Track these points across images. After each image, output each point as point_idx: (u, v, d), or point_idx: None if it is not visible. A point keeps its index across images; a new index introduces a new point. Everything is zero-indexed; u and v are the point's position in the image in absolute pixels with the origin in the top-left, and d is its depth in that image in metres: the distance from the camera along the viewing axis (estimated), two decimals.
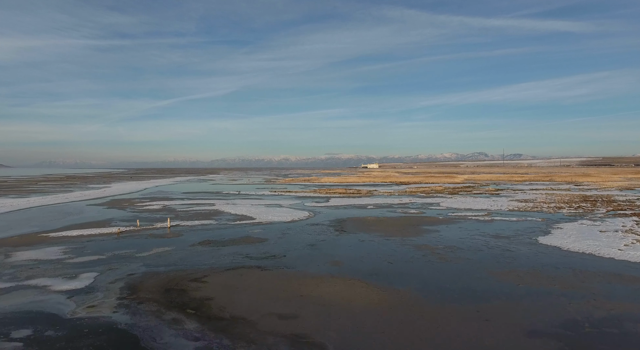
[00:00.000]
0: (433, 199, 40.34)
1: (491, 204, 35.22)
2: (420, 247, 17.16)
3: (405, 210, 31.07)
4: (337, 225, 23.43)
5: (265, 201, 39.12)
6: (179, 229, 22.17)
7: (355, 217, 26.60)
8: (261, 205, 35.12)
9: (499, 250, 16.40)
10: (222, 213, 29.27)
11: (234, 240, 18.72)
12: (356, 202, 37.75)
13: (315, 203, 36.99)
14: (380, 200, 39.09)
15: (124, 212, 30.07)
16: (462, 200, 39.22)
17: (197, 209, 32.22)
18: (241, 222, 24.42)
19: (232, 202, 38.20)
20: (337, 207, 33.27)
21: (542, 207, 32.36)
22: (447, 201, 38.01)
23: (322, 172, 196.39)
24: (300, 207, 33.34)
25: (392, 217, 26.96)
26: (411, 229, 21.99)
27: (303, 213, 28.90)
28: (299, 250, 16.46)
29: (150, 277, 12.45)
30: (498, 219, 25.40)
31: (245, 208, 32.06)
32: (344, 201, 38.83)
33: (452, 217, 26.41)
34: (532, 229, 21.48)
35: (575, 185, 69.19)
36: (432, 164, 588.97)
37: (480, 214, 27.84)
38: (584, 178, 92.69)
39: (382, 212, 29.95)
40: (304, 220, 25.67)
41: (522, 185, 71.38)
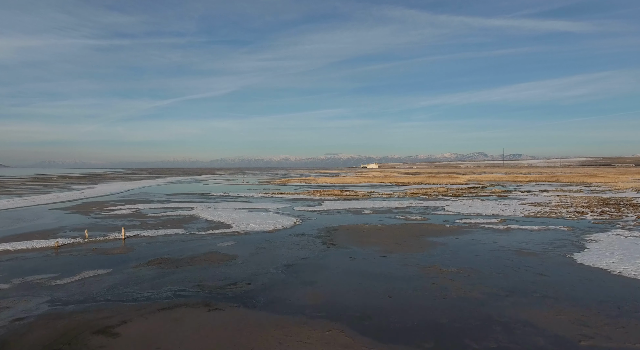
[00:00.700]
0: (436, 202, 36.63)
1: (502, 208, 31.51)
2: (427, 269, 13.43)
3: (406, 215, 27.35)
4: (326, 236, 19.70)
5: (252, 204, 35.40)
6: (135, 241, 18.43)
7: (349, 225, 22.88)
8: (245, 209, 31.38)
9: (531, 275, 12.66)
10: (197, 219, 25.54)
11: (193, 258, 14.97)
12: (352, 205, 34.04)
13: (306, 207, 33.27)
14: (379, 204, 35.38)
15: (84, 218, 26.34)
16: (469, 203, 35.51)
17: (171, 214, 28.48)
18: (213, 232, 20.68)
19: (214, 205, 34.45)
20: (330, 212, 29.56)
21: (561, 212, 28.65)
22: (453, 205, 34.31)
23: (321, 172, 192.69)
24: (288, 212, 29.61)
25: (392, 224, 23.24)
26: (414, 241, 18.26)
27: (289, 220, 25.17)
28: (271, 275, 12.71)
29: (44, 324, 8.70)
30: (515, 228, 21.66)
31: (225, 213, 28.32)
32: (338, 205, 35.12)
33: (461, 225, 22.69)
34: (561, 242, 17.75)
35: (585, 186, 65.52)
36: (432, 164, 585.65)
37: (493, 221, 24.13)
38: (592, 179, 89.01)
39: (380, 218, 26.24)
40: (288, 229, 21.93)
41: (529, 186, 67.70)
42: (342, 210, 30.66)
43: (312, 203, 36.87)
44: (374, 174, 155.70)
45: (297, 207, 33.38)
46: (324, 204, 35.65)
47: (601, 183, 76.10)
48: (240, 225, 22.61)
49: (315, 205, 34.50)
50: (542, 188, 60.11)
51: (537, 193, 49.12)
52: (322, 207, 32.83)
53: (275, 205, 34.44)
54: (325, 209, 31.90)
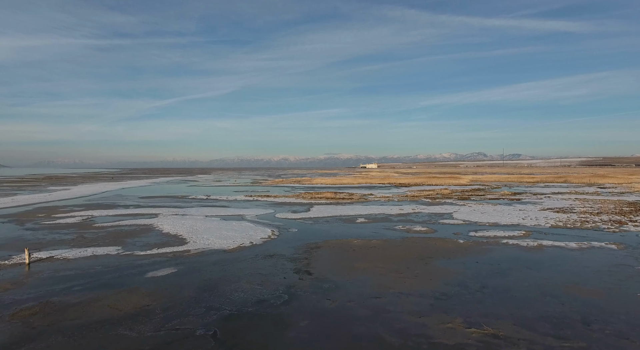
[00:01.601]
0: (442, 208, 31.84)
1: (520, 215, 26.75)
2: (445, 327, 8.65)
3: (407, 225, 22.55)
4: (303, 258, 14.91)
5: (229, 210, 30.59)
6: (41, 267, 13.60)
7: (336, 241, 18.09)
8: (217, 217, 26.58)
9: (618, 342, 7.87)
10: (150, 232, 20.72)
11: (92, 303, 10.06)
12: (344, 211, 29.25)
13: (290, 213, 28.50)
14: (375, 209, 30.60)
15: (12, 230, 21.48)
16: (480, 209, 30.74)
17: (125, 224, 23.64)
18: (157, 252, 15.87)
19: (185, 211, 29.65)
20: (317, 221, 24.79)
21: (594, 221, 23.88)
22: (461, 211, 29.54)
23: (319, 172, 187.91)
24: (267, 221, 24.84)
25: (390, 239, 18.45)
26: (420, 267, 13.49)
27: (264, 232, 20.38)
28: (190, 344, 7.91)
29: None
30: (548, 245, 16.89)
31: (190, 223, 23.51)
32: (329, 210, 30.34)
33: (478, 241, 17.91)
34: (622, 270, 12.95)
35: (600, 187, 60.80)
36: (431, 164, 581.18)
37: (516, 235, 19.36)
38: (602, 179, 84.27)
39: (375, 229, 21.46)
40: (257, 246, 17.13)
41: (538, 187, 62.95)
42: (331, 218, 25.88)
43: (299, 208, 32.08)
44: (373, 174, 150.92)
45: (281, 213, 28.59)
46: (312, 210, 30.87)
47: (615, 184, 71.41)
48: (199, 241, 17.81)
49: (301, 211, 29.72)
50: (553, 190, 55.37)
51: (551, 196, 44.37)
52: (309, 214, 28.05)
53: (255, 211, 29.64)
54: (312, 216, 27.13)
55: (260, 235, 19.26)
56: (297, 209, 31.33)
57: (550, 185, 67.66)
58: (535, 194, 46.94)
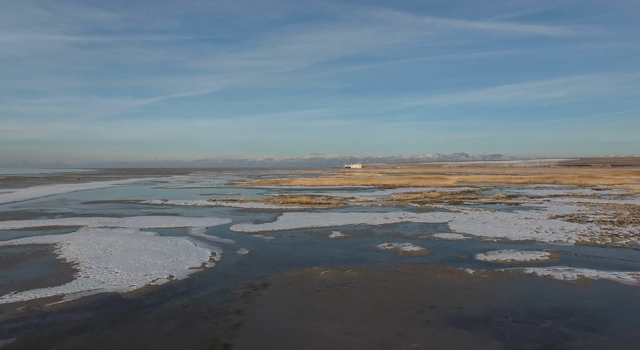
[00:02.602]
0: (434, 215, 26.88)
1: (529, 225, 21.95)
2: None
3: (395, 244, 17.39)
4: (234, 311, 9.51)
5: (176, 221, 24.94)
6: None
7: (294, 273, 12.80)
8: (155, 231, 20.95)
9: None
10: (40, 256, 14.92)
11: None
12: (317, 221, 23.98)
13: (251, 224, 23.10)
14: (355, 218, 25.45)
15: None
16: (478, 216, 25.90)
17: (17, 244, 17.57)
18: (4, 301, 10.34)
19: (119, 222, 23.88)
20: (279, 236, 19.46)
21: (622, 232, 19.15)
22: (457, 219, 24.63)
23: (301, 173, 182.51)
24: (216, 236, 19.37)
25: (372, 268, 13.26)
26: (420, 334, 8.30)
27: (201, 256, 14.94)
28: None
29: None
30: (594, 278, 11.91)
31: (111, 240, 17.81)
32: (299, 219, 25.05)
33: (495, 271, 12.81)
34: None
35: (594, 189, 57.09)
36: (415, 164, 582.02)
37: (539, 258, 14.41)
38: (592, 180, 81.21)
39: (353, 249, 16.25)
40: (176, 284, 11.66)
41: (530, 189, 58.91)
42: (299, 232, 20.57)
43: (265, 217, 26.70)
44: (357, 174, 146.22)
45: (239, 224, 23.13)
46: (279, 219, 25.51)
47: (606, 185, 68.12)
48: (94, 275, 12.25)
49: (266, 221, 24.34)
50: (548, 192, 51.24)
51: (550, 199, 40.01)
52: (274, 225, 22.69)
53: (208, 222, 24.10)
54: (276, 228, 21.77)
55: (191, 263, 13.80)
56: (261, 218, 25.93)
57: (542, 187, 63.81)
58: (531, 197, 42.57)
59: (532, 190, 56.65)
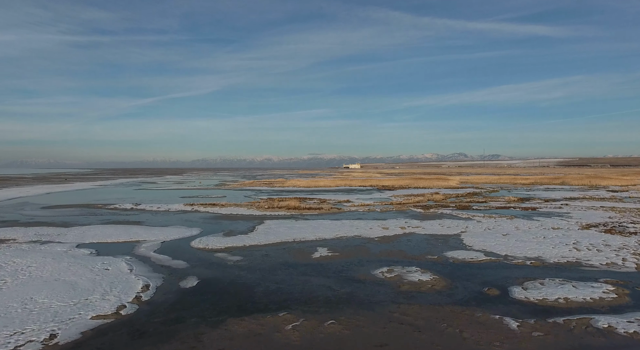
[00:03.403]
0: (441, 223, 22.64)
1: (562, 238, 17.71)
2: None
3: (397, 270, 13.12)
4: None
5: (132, 231, 20.60)
6: None
7: (248, 324, 8.49)
8: (93, 248, 16.63)
9: None
10: None
11: None
12: (301, 233, 19.72)
13: (220, 237, 18.84)
14: (348, 228, 21.21)
15: None
16: (496, 226, 21.66)
17: None
18: None
19: (59, 234, 19.47)
20: (249, 255, 15.18)
21: None
22: (471, 229, 20.39)
23: (298, 173, 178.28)
24: (167, 256, 15.09)
25: (365, 319, 8.96)
26: None
27: (126, 292, 10.62)
28: None
29: None
30: None
31: (22, 263, 13.54)
32: (281, 230, 20.79)
33: (547, 322, 8.60)
34: None
35: (609, 191, 52.96)
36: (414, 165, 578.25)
37: (602, 296, 10.08)
38: (600, 181, 77.08)
39: (339, 278, 11.96)
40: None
41: (539, 190, 54.71)
42: (276, 248, 16.33)
43: (242, 226, 22.43)
44: (355, 174, 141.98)
45: (205, 237, 18.85)
46: (258, 229, 21.25)
47: (620, 186, 64.05)
48: None
49: (240, 233, 20.07)
50: (561, 194, 47.06)
51: (569, 203, 35.80)
52: (248, 239, 18.43)
53: (169, 234, 19.82)
54: (249, 242, 17.52)
55: (103, 307, 9.48)
56: (236, 228, 21.66)
57: (552, 189, 59.65)
58: (546, 201, 38.38)
59: (543, 192, 52.47)
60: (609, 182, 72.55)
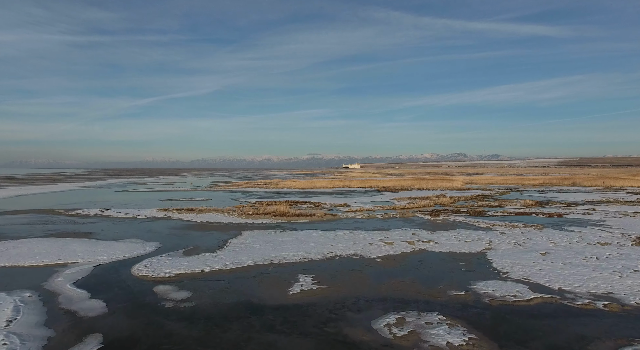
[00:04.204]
0: (458, 237, 18.43)
1: (628, 262, 13.49)
2: None
3: (411, 323, 8.73)
4: None
5: (70, 249, 16.26)
6: None
7: None
8: (7, 272, 12.51)
9: None
10: None
11: None
12: (283, 251, 15.50)
13: (177, 257, 14.59)
14: (343, 243, 16.99)
15: None
16: (526, 239, 17.42)
17: None
18: None
19: None
20: (201, 290, 10.80)
21: None
22: (499, 246, 16.11)
23: (296, 173, 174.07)
24: (88, 287, 10.73)
25: None
26: None
27: None
28: None
29: None
30: None
31: None
32: (259, 245, 16.58)
33: None
34: None
35: (631, 192, 48.73)
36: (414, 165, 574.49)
37: None
38: (614, 182, 72.85)
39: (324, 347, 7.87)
40: None
41: (553, 192, 50.45)
42: (243, 277, 12.08)
43: (212, 240, 18.20)
44: (354, 175, 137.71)
45: (158, 258, 14.62)
46: (231, 245, 17.01)
47: (638, 187, 59.89)
48: None
49: (205, 250, 15.83)
50: (580, 197, 42.82)
51: (596, 208, 31.57)
52: (212, 260, 14.20)
53: (113, 252, 15.56)
54: (211, 266, 13.29)
55: None
56: (204, 243, 17.42)
57: (565, 190, 55.41)
58: (568, 205, 34.13)
59: (557, 194, 48.24)
60: (623, 183, 68.29)
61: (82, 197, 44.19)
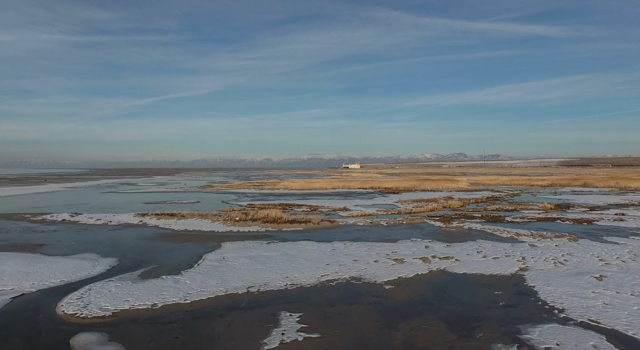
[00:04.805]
0: (481, 251, 15.21)
1: None
2: None
3: None
4: None
5: (3, 269, 13.21)
6: None
7: None
8: None
9: None
10: None
11: None
12: (265, 273, 12.25)
13: (130, 282, 11.36)
14: (341, 261, 13.74)
15: None
16: (568, 256, 14.13)
17: None
18: None
19: None
20: (145, 337, 7.64)
21: None
22: (538, 268, 12.80)
23: (296, 173, 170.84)
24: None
25: None
26: None
27: None
28: None
29: None
30: None
31: None
32: (237, 264, 13.36)
33: None
34: None
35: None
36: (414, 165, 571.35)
37: None
38: (627, 182, 69.60)
39: None
40: None
41: (569, 194, 47.20)
42: (209, 313, 8.76)
43: (185, 255, 14.97)
44: (354, 175, 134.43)
45: (105, 284, 11.37)
46: (204, 262, 13.79)
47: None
48: None
49: (171, 271, 12.60)
50: (600, 199, 39.57)
51: (625, 212, 28.30)
52: (175, 286, 10.94)
53: (57, 273, 12.30)
54: (171, 297, 10.03)
55: None
56: (172, 260, 14.20)
57: (579, 191, 52.14)
58: (592, 209, 30.89)
59: (573, 195, 45.01)
60: (638, 184, 65.08)
61: (61, 200, 40.95)
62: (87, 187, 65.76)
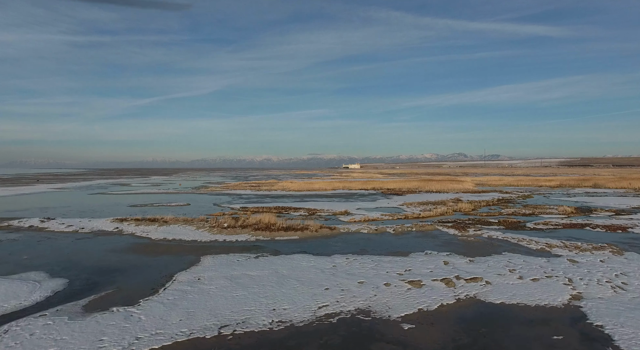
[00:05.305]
0: (514, 270, 12.44)
1: None
2: None
3: None
4: None
5: None
6: None
7: None
8: None
9: None
10: None
11: None
12: (247, 303, 9.48)
13: (65, 319, 8.65)
14: (344, 284, 10.98)
15: None
16: (625, 278, 11.28)
17: None
18: None
19: None
20: None
21: None
22: (595, 296, 9.86)
23: (295, 173, 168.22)
24: None
25: None
26: None
27: None
28: None
29: None
30: None
31: None
32: (213, 289, 10.59)
33: None
34: None
35: None
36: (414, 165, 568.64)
37: None
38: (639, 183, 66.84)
39: None
40: None
41: (584, 196, 44.43)
42: None
43: (152, 275, 12.23)
44: (355, 175, 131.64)
45: (32, 317, 8.58)
46: (172, 286, 11.05)
47: None
48: None
49: (125, 301, 9.84)
50: (621, 201, 36.78)
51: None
52: (115, 329, 8.17)
53: None
54: (107, 347, 7.44)
55: None
56: (130, 283, 11.47)
57: (592, 193, 49.37)
58: (618, 213, 28.15)
59: (588, 197, 42.24)
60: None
61: (41, 202, 38.20)
62: (76, 188, 63.03)
